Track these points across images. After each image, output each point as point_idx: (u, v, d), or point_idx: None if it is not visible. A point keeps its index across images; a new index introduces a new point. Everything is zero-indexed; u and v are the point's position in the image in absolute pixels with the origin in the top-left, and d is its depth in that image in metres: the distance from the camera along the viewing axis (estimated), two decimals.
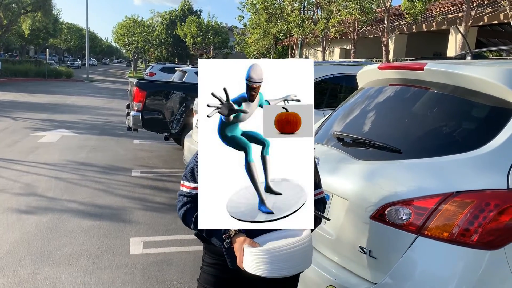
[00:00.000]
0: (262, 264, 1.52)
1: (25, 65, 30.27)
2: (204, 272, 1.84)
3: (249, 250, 1.56)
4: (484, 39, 18.04)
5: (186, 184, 1.77)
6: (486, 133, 1.85)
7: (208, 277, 1.81)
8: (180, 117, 7.75)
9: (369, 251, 1.96)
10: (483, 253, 1.65)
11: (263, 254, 1.52)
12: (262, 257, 1.52)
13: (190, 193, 1.75)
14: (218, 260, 1.77)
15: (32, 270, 3.49)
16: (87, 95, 20.80)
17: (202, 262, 1.86)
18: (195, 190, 1.72)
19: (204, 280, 1.82)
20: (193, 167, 1.75)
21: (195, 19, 39.92)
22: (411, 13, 11.33)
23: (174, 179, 6.54)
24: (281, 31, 22.59)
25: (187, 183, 1.77)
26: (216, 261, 1.78)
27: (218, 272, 1.79)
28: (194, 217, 1.70)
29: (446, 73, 2.11)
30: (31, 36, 40.44)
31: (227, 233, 1.63)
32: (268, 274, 1.53)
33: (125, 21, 51.17)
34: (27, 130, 9.96)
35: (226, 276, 1.77)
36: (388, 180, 1.97)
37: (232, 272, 1.73)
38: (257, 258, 1.53)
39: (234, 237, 1.63)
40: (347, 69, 5.35)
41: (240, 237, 1.62)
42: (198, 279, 1.86)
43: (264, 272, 1.52)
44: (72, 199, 5.32)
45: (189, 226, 1.76)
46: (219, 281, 1.79)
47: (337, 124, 2.66)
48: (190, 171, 1.77)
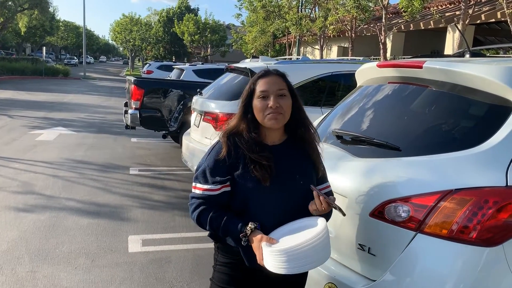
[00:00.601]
0: (282, 263, 1.53)
1: (22, 63, 30.16)
2: (217, 272, 1.83)
3: (268, 250, 1.57)
4: (481, 37, 18.10)
5: (199, 186, 1.75)
6: (485, 130, 1.86)
7: (222, 276, 1.81)
8: (178, 115, 7.74)
9: (368, 248, 1.97)
10: (481, 250, 1.66)
11: (282, 254, 1.53)
12: (282, 257, 1.53)
13: (203, 194, 1.74)
14: (232, 259, 1.78)
15: (31, 268, 3.49)
16: (84, 93, 20.76)
17: (215, 261, 1.86)
18: (208, 191, 1.72)
19: (218, 279, 1.82)
20: (205, 169, 1.75)
21: (192, 17, 39.82)
22: (408, 11, 11.34)
23: (172, 177, 6.54)
24: (279, 29, 22.57)
25: (200, 185, 1.75)
26: (230, 260, 1.79)
27: (231, 271, 1.79)
28: (209, 218, 1.70)
29: (445, 71, 2.12)
30: (27, 34, 40.33)
31: (244, 232, 1.64)
32: (290, 271, 1.55)
33: (122, 18, 51.14)
34: (25, 128, 9.94)
35: (240, 275, 1.77)
36: (387, 177, 1.97)
37: (246, 270, 1.74)
38: (276, 258, 1.54)
39: (251, 235, 1.64)
40: (345, 67, 5.35)
41: (257, 235, 1.63)
42: (212, 278, 1.86)
43: (285, 270, 1.54)
44: (70, 197, 5.31)
45: (204, 228, 1.75)
46: (233, 279, 1.79)
47: (336, 122, 2.66)
48: (202, 173, 1.75)
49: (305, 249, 1.52)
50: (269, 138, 1.79)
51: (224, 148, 1.73)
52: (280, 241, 1.61)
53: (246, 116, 1.77)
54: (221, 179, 1.72)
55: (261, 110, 1.73)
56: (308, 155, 1.84)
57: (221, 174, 1.72)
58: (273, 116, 1.71)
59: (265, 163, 1.69)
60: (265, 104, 1.72)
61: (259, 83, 1.77)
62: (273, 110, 1.70)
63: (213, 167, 1.73)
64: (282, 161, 1.76)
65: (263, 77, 1.77)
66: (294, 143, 1.84)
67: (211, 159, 1.75)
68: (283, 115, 1.73)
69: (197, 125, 5.41)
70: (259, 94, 1.74)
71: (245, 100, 1.79)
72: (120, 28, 50.96)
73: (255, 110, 1.75)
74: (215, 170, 1.72)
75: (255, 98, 1.76)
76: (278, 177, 1.72)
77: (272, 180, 1.70)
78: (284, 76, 1.80)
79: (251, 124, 1.76)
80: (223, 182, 1.72)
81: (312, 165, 1.85)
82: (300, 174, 1.79)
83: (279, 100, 1.72)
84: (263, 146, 1.75)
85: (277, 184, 1.71)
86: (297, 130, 1.84)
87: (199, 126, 5.33)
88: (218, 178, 1.71)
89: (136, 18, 51.47)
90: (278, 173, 1.72)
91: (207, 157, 1.78)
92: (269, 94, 1.72)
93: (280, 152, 1.79)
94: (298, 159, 1.82)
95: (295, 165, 1.80)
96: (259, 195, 1.71)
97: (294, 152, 1.83)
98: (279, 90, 1.74)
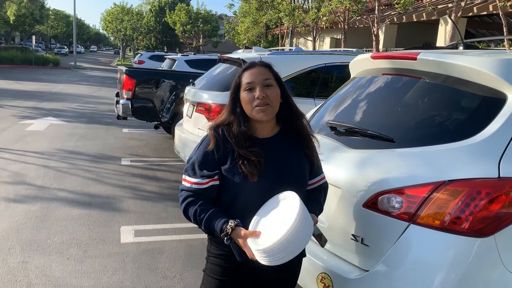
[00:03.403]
0: (271, 257, 1.54)
1: (11, 52, 29.71)
2: (210, 263, 1.83)
3: (254, 249, 1.57)
4: (473, 29, 18.17)
5: (188, 179, 1.75)
6: (478, 122, 1.87)
7: (216, 268, 1.80)
8: (170, 106, 7.70)
9: (362, 239, 1.98)
10: (473, 240, 1.68)
11: (269, 253, 1.53)
12: (268, 254, 1.54)
13: (191, 187, 1.73)
14: (224, 251, 1.77)
15: (22, 259, 3.47)
16: (75, 83, 20.55)
17: (208, 252, 1.85)
18: (196, 185, 1.72)
19: (211, 270, 1.81)
20: (194, 162, 1.73)
21: (184, 7, 39.43)
22: (401, 3, 11.34)
23: (164, 168, 6.52)
24: (272, 20, 22.44)
25: (188, 177, 1.75)
26: (223, 252, 1.78)
27: (225, 262, 1.78)
28: (193, 212, 1.70)
29: (439, 63, 2.12)
30: (16, 23, 39.65)
31: (225, 231, 1.62)
32: (282, 261, 1.56)
33: (113, 8, 50.50)
34: (14, 118, 9.83)
35: (233, 266, 1.77)
36: (381, 168, 1.98)
37: (238, 262, 1.74)
38: (264, 255, 1.55)
39: (232, 234, 1.62)
40: (338, 59, 5.35)
41: (238, 232, 1.62)
42: (205, 269, 1.85)
43: (278, 261, 1.55)
44: (62, 187, 5.28)
45: (190, 220, 1.75)
46: (226, 271, 1.78)
47: (330, 114, 2.66)
48: (191, 166, 1.74)
49: (289, 237, 1.51)
50: (260, 131, 1.77)
51: (212, 141, 1.71)
52: (262, 235, 1.60)
53: (235, 110, 1.75)
54: (209, 173, 1.70)
55: (248, 102, 1.70)
56: (301, 146, 1.82)
57: (209, 168, 1.71)
58: (260, 109, 1.68)
59: (254, 159, 1.67)
60: (252, 95, 1.70)
61: (244, 75, 1.75)
62: (260, 100, 1.68)
63: (202, 161, 1.72)
64: (273, 155, 1.73)
65: (249, 69, 1.75)
66: (287, 135, 1.82)
67: (200, 152, 1.74)
68: (271, 106, 1.70)
69: (190, 115, 5.38)
70: (245, 86, 1.72)
71: (233, 94, 1.77)
72: (111, 17, 50.31)
73: (243, 103, 1.73)
74: (203, 164, 1.71)
75: (242, 90, 1.74)
76: (267, 173, 1.69)
77: (261, 175, 1.67)
78: (269, 66, 1.78)
79: (241, 118, 1.74)
80: (211, 176, 1.71)
81: (305, 157, 1.82)
82: (291, 169, 1.77)
83: (265, 90, 1.69)
84: (253, 140, 1.72)
85: (266, 180, 1.69)
86: (288, 120, 1.82)
87: (192, 116, 5.30)
88: (206, 172, 1.70)
89: (127, 7, 50.84)
90: (268, 168, 1.69)
91: (196, 150, 1.77)
92: (255, 85, 1.70)
93: (271, 145, 1.76)
94: (291, 152, 1.79)
95: (286, 159, 1.77)
96: (247, 190, 1.69)
97: (286, 144, 1.80)
98: (265, 80, 1.71)
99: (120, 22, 48.87)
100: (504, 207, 1.68)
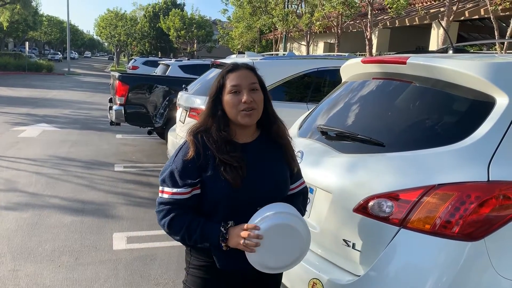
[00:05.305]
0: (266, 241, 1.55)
1: (4, 58, 29.62)
2: (191, 275, 1.76)
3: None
4: (465, 33, 18.30)
5: (167, 190, 1.64)
6: (468, 126, 1.87)
7: (196, 280, 1.74)
8: (163, 111, 7.68)
9: (353, 244, 1.97)
10: (464, 244, 1.67)
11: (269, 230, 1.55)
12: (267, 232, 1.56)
13: (171, 199, 1.63)
14: (206, 262, 1.70)
15: (13, 267, 3.43)
16: (68, 89, 20.47)
17: (188, 264, 1.78)
18: (177, 195, 1.62)
19: (192, 282, 1.75)
20: (173, 171, 1.63)
21: (178, 12, 39.50)
22: (394, 7, 11.41)
23: (157, 174, 6.44)
24: (265, 25, 22.51)
25: (168, 188, 1.64)
26: (204, 263, 1.71)
27: (206, 274, 1.72)
28: (183, 224, 1.62)
29: (428, 67, 2.13)
30: (10, 29, 39.53)
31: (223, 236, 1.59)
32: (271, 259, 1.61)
33: (107, 13, 50.49)
34: (7, 125, 9.77)
35: (215, 277, 1.72)
36: (371, 173, 1.98)
37: (220, 273, 1.69)
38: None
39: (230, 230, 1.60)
40: (331, 63, 5.36)
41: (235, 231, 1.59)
42: (185, 281, 1.79)
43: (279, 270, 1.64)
44: (54, 194, 5.24)
45: (175, 235, 1.65)
46: (207, 282, 1.73)
47: (321, 118, 2.66)
48: (169, 176, 1.64)
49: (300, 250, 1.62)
50: (240, 136, 1.70)
51: (192, 148, 1.62)
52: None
53: (215, 113, 1.67)
54: (191, 181, 1.61)
55: (233, 105, 1.63)
56: (282, 151, 1.77)
57: (191, 176, 1.62)
58: (246, 114, 1.62)
59: (236, 164, 1.60)
60: (238, 99, 1.62)
61: (229, 77, 1.66)
62: (248, 105, 1.62)
63: (182, 169, 1.62)
64: (254, 160, 1.68)
65: (233, 71, 1.67)
66: (267, 140, 1.77)
67: (178, 160, 1.63)
68: (257, 111, 1.66)
69: (183, 121, 5.37)
70: (230, 89, 1.64)
71: (214, 96, 1.69)
72: (105, 23, 50.29)
73: (227, 106, 1.65)
74: (184, 172, 1.61)
75: (226, 93, 1.66)
76: (250, 178, 1.63)
77: (244, 181, 1.61)
78: (254, 70, 1.72)
79: (221, 121, 1.66)
80: (193, 185, 1.62)
81: (286, 162, 1.78)
82: (273, 174, 1.72)
83: (252, 95, 1.63)
84: (234, 145, 1.65)
85: (249, 186, 1.63)
86: (269, 125, 1.76)
87: (185, 122, 5.29)
88: (189, 180, 1.61)
89: (121, 13, 50.84)
90: (250, 173, 1.63)
91: (174, 158, 1.66)
92: (241, 88, 1.63)
93: (252, 150, 1.70)
94: (271, 157, 1.74)
95: (268, 164, 1.72)
96: (230, 197, 1.61)
97: (266, 149, 1.74)
98: (251, 84, 1.65)
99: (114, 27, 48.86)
100: (494, 211, 1.67)
